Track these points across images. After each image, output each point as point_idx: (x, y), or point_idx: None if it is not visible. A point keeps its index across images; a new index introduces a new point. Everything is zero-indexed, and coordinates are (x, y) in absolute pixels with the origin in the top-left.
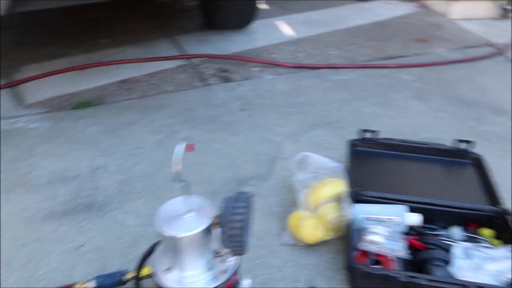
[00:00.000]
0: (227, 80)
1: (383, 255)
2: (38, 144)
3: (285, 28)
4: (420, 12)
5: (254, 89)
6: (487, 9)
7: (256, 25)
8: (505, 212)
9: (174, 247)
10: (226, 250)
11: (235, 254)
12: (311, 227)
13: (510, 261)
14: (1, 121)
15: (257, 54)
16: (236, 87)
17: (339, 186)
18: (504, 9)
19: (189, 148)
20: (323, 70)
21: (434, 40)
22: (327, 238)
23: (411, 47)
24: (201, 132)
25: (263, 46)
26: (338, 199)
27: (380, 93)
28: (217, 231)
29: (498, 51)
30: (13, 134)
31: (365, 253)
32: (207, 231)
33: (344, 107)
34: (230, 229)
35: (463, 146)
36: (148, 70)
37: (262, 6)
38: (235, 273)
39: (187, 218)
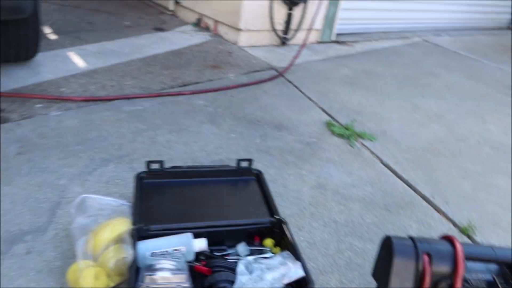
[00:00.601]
0: (2, 121)
1: None
2: None
3: (77, 60)
4: (214, 40)
5: (36, 129)
6: (269, 38)
7: (42, 57)
8: (280, 221)
9: None
10: None
11: None
12: (92, 277)
13: (284, 267)
14: None
15: (42, 89)
16: (14, 128)
17: (121, 225)
18: (284, 38)
19: None
20: (117, 101)
21: (226, 66)
22: (112, 285)
23: (205, 74)
24: None
25: (50, 80)
26: (120, 240)
27: (174, 120)
28: None
29: (278, 74)
30: None
31: None
32: None
33: (137, 138)
34: None
35: (245, 164)
36: None
37: (51, 36)
38: None
39: None
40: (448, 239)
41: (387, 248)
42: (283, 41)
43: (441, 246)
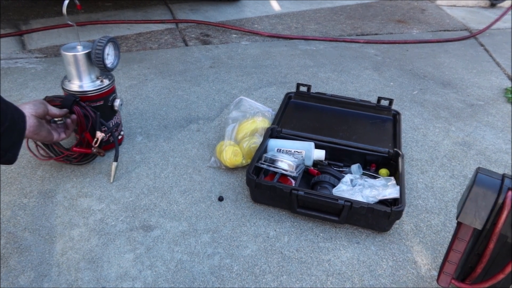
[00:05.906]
0: (206, 43)
1: (285, 177)
2: (31, 80)
3: (274, 4)
4: None
5: (228, 52)
6: None
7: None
8: (397, 154)
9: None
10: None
11: (101, 70)
12: (232, 153)
13: (383, 188)
14: (5, 61)
15: (240, 24)
16: (212, 49)
17: (261, 123)
18: None
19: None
20: (296, 40)
21: (412, 22)
22: (245, 163)
23: (387, 27)
24: (169, 81)
25: (248, 18)
26: (257, 133)
27: (340, 63)
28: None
29: (470, 35)
30: (12, 71)
31: (272, 176)
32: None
33: (302, 71)
34: (95, 54)
35: (385, 103)
36: (138, 31)
37: None
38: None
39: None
40: None
41: (473, 178)
42: (493, 3)
43: None
